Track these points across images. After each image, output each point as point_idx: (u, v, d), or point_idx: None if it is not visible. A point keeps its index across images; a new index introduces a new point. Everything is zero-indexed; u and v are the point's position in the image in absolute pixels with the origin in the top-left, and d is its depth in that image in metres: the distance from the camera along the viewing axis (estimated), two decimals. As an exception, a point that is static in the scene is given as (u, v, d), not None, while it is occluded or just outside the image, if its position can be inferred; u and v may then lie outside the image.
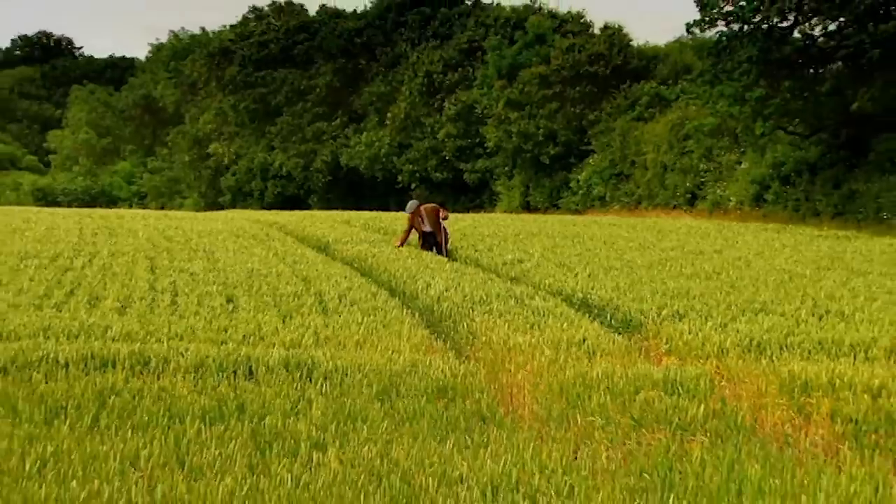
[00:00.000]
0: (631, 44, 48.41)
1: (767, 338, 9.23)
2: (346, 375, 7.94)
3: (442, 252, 18.53)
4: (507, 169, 51.42)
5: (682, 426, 6.65)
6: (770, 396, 7.30)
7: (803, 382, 7.37)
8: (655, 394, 7.28)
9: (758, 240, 22.17)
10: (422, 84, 56.42)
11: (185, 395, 7.24)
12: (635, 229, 25.11)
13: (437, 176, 55.63)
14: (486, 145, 51.60)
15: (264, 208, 53.73)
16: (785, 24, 30.23)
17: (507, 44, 51.81)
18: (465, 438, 6.41)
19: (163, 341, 9.11)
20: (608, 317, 11.10)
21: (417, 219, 19.19)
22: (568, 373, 7.89)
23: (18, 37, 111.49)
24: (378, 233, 23.85)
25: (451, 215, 23.01)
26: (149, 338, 9.45)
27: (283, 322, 10.59)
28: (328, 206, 53.58)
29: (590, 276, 14.09)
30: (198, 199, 70.44)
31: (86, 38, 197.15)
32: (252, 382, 7.77)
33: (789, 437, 6.61)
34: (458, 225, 23.93)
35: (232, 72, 65.64)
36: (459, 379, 7.95)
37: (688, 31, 32.46)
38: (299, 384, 7.74)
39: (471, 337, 10.05)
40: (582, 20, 52.42)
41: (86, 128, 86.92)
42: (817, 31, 30.69)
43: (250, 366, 8.09)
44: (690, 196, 37.73)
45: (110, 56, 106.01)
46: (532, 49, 49.16)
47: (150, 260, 17.06)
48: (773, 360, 8.37)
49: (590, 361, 8.45)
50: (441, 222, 19.06)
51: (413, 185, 56.66)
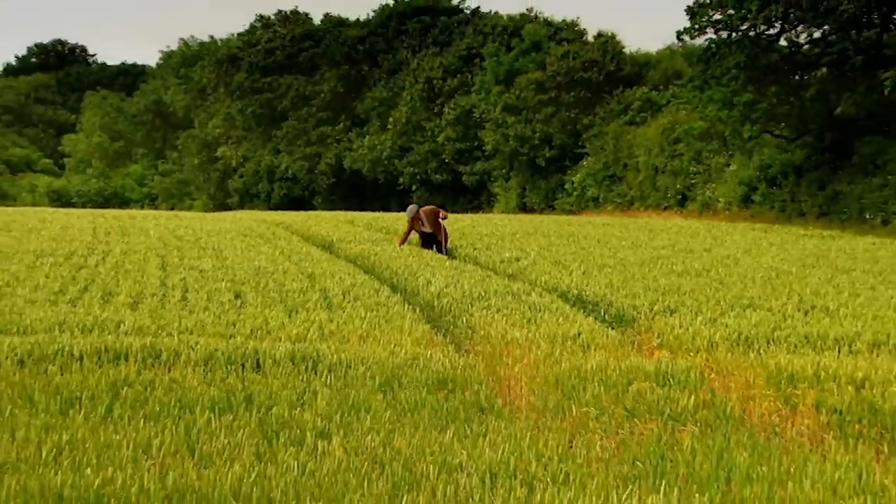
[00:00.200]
0: (623, 51, 48.69)
1: (755, 332, 9.24)
2: (350, 368, 7.99)
3: (442, 251, 18.63)
4: (504, 171, 51.58)
5: (673, 416, 6.69)
6: (758, 388, 7.31)
7: (790, 375, 7.39)
8: (647, 385, 7.29)
9: (745, 239, 22.18)
10: (422, 89, 56.57)
11: (196, 387, 7.26)
12: (628, 229, 25.11)
13: (437, 178, 55.79)
14: (484, 148, 51.77)
15: (271, 209, 53.62)
16: (772, 31, 30.48)
17: (504, 51, 51.99)
18: (465, 428, 6.46)
19: (173, 335, 9.11)
20: (602, 312, 11.12)
21: (417, 222, 19.38)
22: (563, 366, 7.88)
23: (34, 45, 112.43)
24: (380, 232, 23.86)
25: (451, 215, 23.16)
26: (160, 332, 9.48)
27: (289, 317, 10.61)
28: (332, 207, 53.66)
29: (584, 274, 14.14)
30: (207, 200, 70.44)
31: (99, 45, 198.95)
32: (259, 374, 7.80)
33: (776, 427, 6.65)
34: (458, 225, 23.94)
35: (240, 78, 65.98)
36: (459, 371, 7.98)
37: (678, 38, 32.62)
38: (305, 376, 7.76)
39: (470, 331, 10.08)
40: (576, 28, 52.61)
41: (99, 132, 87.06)
42: (803, 39, 31.02)
43: (258, 359, 8.12)
44: (681, 197, 37.87)
45: (122, 63, 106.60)
46: (528, 56, 49.42)
47: (161, 258, 17.11)
48: (760, 354, 8.38)
49: (584, 355, 8.46)
50: (440, 222, 19.23)
51: (414, 187, 56.80)
